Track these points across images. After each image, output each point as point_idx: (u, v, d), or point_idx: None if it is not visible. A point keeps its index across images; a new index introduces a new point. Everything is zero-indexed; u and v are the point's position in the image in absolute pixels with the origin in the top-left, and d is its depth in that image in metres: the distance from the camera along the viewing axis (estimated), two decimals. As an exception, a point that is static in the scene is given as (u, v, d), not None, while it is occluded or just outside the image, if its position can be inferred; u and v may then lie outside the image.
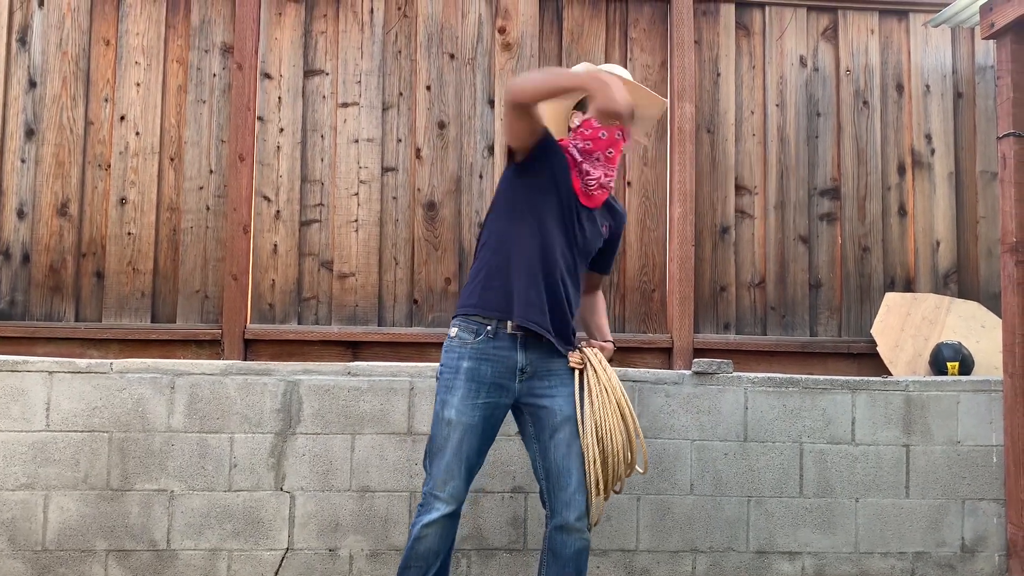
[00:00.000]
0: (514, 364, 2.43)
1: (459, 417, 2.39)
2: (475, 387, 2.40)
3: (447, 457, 2.39)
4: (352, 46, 3.54)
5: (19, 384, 3.06)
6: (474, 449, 2.41)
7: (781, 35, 3.69)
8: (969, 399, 3.32)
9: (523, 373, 2.43)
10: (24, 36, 3.42)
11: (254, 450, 3.11)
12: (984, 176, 3.70)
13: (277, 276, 3.44)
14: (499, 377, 2.42)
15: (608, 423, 2.40)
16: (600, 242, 2.60)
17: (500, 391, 2.43)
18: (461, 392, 2.40)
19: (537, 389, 2.45)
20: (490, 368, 2.41)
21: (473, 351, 2.42)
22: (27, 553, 3.02)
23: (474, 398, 2.40)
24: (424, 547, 2.38)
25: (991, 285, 3.63)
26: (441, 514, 2.37)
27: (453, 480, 2.39)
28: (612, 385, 2.44)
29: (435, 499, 2.39)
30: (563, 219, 2.47)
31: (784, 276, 3.61)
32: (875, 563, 3.26)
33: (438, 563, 2.41)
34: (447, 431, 2.40)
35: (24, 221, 3.38)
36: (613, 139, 2.51)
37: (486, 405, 2.41)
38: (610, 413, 2.41)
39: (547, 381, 2.45)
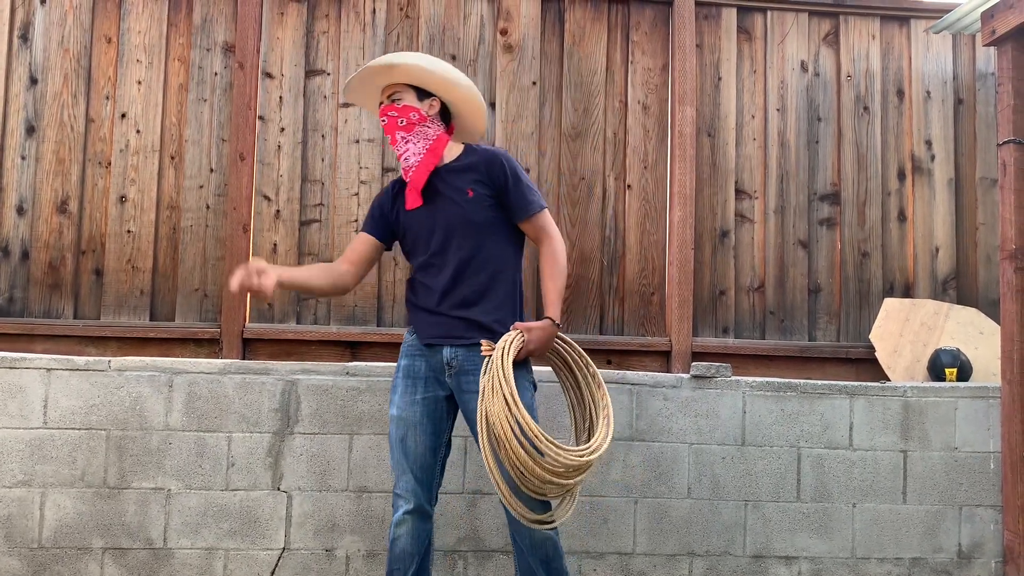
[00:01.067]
0: (441, 358, 2.48)
1: (400, 413, 2.47)
2: (412, 383, 2.49)
3: (395, 455, 2.47)
4: (354, 46, 3.54)
5: (17, 381, 3.06)
6: (423, 445, 2.44)
7: (782, 40, 3.69)
8: (967, 405, 3.32)
9: (451, 367, 2.47)
10: (26, 33, 3.42)
11: (252, 449, 3.11)
12: (984, 183, 3.70)
13: (276, 275, 3.44)
14: (433, 371, 2.49)
15: (494, 411, 2.23)
16: (476, 207, 2.49)
17: (437, 385, 2.49)
18: (400, 389, 2.50)
19: (464, 384, 2.46)
20: (424, 363, 2.50)
21: (408, 348, 2.54)
22: (23, 550, 3.02)
23: (412, 394, 2.48)
24: (399, 548, 2.43)
25: (990, 292, 3.63)
26: (403, 511, 2.42)
27: (404, 475, 2.44)
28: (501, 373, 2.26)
29: (396, 497, 2.46)
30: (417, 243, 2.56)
31: (783, 280, 3.62)
32: (872, 569, 3.26)
33: (414, 566, 2.43)
34: (392, 429, 2.48)
35: (24, 218, 3.38)
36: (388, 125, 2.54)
37: (425, 400, 2.47)
38: (495, 403, 2.23)
39: (472, 376, 2.43)
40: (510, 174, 2.51)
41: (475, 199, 2.49)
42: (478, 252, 2.49)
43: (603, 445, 2.35)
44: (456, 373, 2.46)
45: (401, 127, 2.52)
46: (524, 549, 2.43)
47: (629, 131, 3.60)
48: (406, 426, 2.46)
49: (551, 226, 2.57)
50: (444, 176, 2.53)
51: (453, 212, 2.49)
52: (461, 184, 2.51)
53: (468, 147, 2.62)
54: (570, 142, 3.57)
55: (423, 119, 2.53)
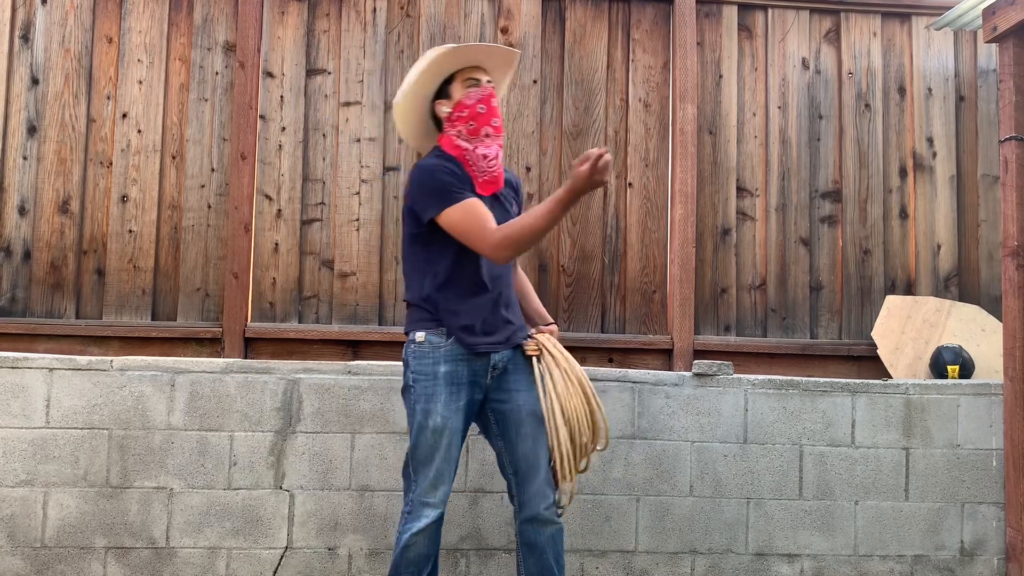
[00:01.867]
0: (488, 362, 2.43)
1: (446, 423, 2.37)
2: (455, 389, 2.39)
3: (436, 464, 2.37)
4: (354, 45, 3.54)
5: (19, 381, 3.06)
6: (458, 450, 2.43)
7: (783, 37, 3.69)
8: (969, 402, 3.32)
9: (495, 369, 2.45)
10: (27, 33, 3.43)
11: (254, 448, 3.11)
12: (986, 180, 3.70)
13: (278, 275, 3.44)
14: (475, 375, 2.42)
15: (572, 403, 2.39)
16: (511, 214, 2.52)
17: (475, 388, 2.44)
18: (444, 397, 2.38)
19: (503, 384, 2.46)
20: (466, 368, 2.41)
21: (448, 354, 2.40)
22: (26, 550, 3.02)
23: (456, 401, 2.39)
24: (415, 553, 2.38)
25: (992, 289, 3.63)
26: (431, 520, 2.36)
27: (443, 485, 2.38)
28: (570, 365, 2.43)
29: (424, 506, 2.37)
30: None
31: (785, 278, 3.61)
32: (874, 566, 3.25)
33: (430, 565, 2.41)
34: (434, 439, 2.36)
35: (25, 218, 3.38)
36: (491, 108, 2.44)
37: (466, 405, 2.42)
38: (573, 393, 2.40)
39: (512, 376, 2.46)
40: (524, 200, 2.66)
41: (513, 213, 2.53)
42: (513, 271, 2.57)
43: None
44: (500, 374, 2.45)
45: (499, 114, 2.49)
46: (544, 547, 2.43)
47: (630, 129, 3.60)
48: (451, 434, 2.38)
49: None
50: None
51: (508, 212, 2.50)
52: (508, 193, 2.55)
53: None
54: (571, 140, 3.57)
55: None
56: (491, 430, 2.51)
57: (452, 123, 2.45)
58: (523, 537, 2.46)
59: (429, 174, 2.38)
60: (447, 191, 2.35)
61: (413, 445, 2.40)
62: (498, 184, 2.48)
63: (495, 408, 2.47)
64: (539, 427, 2.43)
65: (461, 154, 2.43)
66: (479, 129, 2.42)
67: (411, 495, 2.39)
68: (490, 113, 2.44)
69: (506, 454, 2.48)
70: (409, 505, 2.39)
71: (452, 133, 2.45)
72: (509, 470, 2.48)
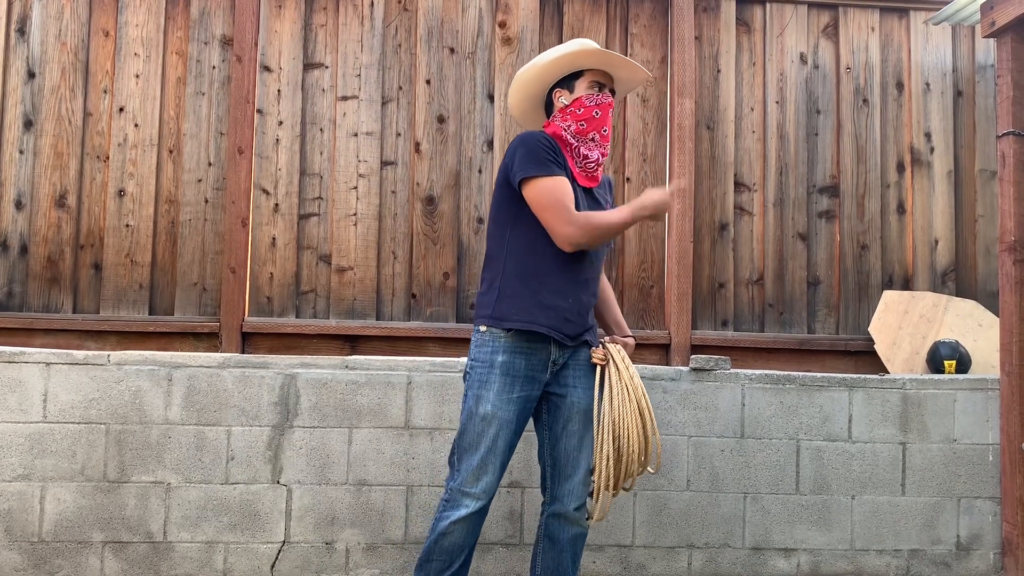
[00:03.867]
0: (547, 356, 2.41)
1: (495, 412, 2.36)
2: (510, 381, 2.37)
3: (481, 452, 2.35)
4: (352, 39, 3.53)
5: (16, 375, 3.06)
6: (508, 444, 2.39)
7: (782, 32, 3.68)
8: (966, 397, 3.32)
9: (555, 364, 2.43)
10: (23, 27, 3.41)
11: (251, 443, 3.11)
12: (983, 175, 3.70)
13: (275, 269, 3.44)
14: (532, 370, 2.40)
15: (626, 422, 2.38)
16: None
17: (533, 383, 2.41)
18: (497, 386, 2.37)
19: (561, 378, 2.46)
20: (524, 361, 2.39)
21: (508, 345, 2.38)
22: (23, 544, 3.02)
23: (509, 392, 2.37)
24: (450, 542, 2.36)
25: (989, 284, 3.63)
26: (471, 511, 2.34)
27: (487, 476, 2.36)
28: (634, 384, 2.41)
29: (464, 495, 2.35)
30: None
31: (782, 273, 3.61)
32: (871, 560, 3.26)
33: (463, 557, 2.39)
34: (482, 426, 2.36)
35: (22, 212, 3.37)
36: (606, 116, 2.47)
37: (520, 399, 2.38)
38: (628, 412, 2.39)
39: (572, 371, 2.46)
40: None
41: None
42: (601, 258, 2.56)
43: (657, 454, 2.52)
44: (559, 369, 2.45)
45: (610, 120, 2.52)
46: (566, 545, 2.44)
47: (628, 124, 3.59)
48: (500, 424, 2.36)
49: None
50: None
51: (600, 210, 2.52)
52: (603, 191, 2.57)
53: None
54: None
55: None
56: (540, 418, 2.51)
57: (565, 115, 2.48)
58: (547, 530, 2.48)
59: (534, 142, 2.39)
60: (545, 162, 2.36)
61: (461, 431, 2.41)
62: (595, 182, 2.50)
63: (550, 398, 2.48)
64: (587, 427, 2.44)
65: (564, 143, 2.46)
66: (588, 131, 2.46)
67: (452, 483, 2.38)
68: (603, 120, 2.47)
69: (548, 445, 2.48)
70: (448, 493, 2.38)
71: (562, 124, 2.47)
72: (548, 461, 2.48)
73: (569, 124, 2.46)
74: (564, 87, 2.51)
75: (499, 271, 2.43)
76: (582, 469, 2.43)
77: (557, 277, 2.39)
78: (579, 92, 2.48)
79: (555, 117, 2.50)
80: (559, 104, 2.50)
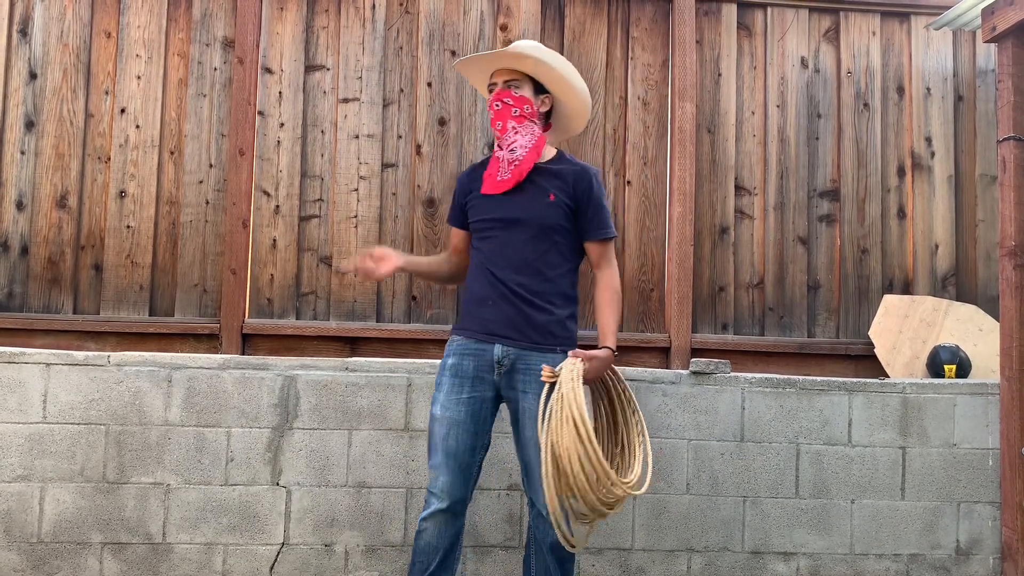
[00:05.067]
0: (491, 357, 2.47)
1: (443, 412, 2.46)
2: (459, 382, 2.48)
3: (436, 452, 2.46)
4: (353, 42, 3.53)
5: (16, 376, 3.06)
6: (464, 445, 2.44)
7: (783, 36, 3.69)
8: (966, 402, 3.32)
9: (500, 366, 2.46)
10: (25, 28, 3.42)
11: (251, 444, 3.11)
12: (984, 179, 3.70)
13: (276, 271, 3.44)
14: (480, 371, 2.48)
15: (563, 444, 2.20)
16: (555, 212, 2.50)
17: (483, 384, 2.48)
18: (446, 387, 2.48)
19: (515, 383, 2.47)
20: (472, 362, 2.48)
21: (456, 347, 2.52)
22: (23, 545, 3.02)
23: (458, 393, 2.47)
24: (423, 541, 2.45)
25: (989, 288, 3.63)
26: (433, 509, 2.44)
27: (443, 475, 2.44)
28: (572, 407, 2.22)
29: (430, 495, 2.46)
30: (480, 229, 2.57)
31: (783, 277, 3.62)
32: (870, 565, 3.26)
33: (437, 559, 2.44)
34: (435, 427, 2.47)
35: (23, 213, 3.37)
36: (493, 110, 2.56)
37: (473, 399, 2.46)
38: (565, 435, 2.20)
39: (522, 376, 2.46)
40: (595, 194, 2.55)
41: (554, 204, 2.51)
42: (544, 254, 2.50)
43: (647, 478, 2.39)
44: (507, 371, 2.46)
45: (514, 117, 2.53)
46: (545, 548, 2.45)
47: (629, 127, 3.60)
48: (449, 425, 2.44)
49: (613, 256, 2.60)
50: (532, 173, 2.53)
51: (531, 210, 2.50)
52: (547, 186, 2.52)
53: (561, 153, 2.64)
54: (570, 138, 3.56)
55: (533, 114, 2.56)
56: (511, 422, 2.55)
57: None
58: (531, 531, 2.52)
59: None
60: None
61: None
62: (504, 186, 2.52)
63: (509, 403, 2.52)
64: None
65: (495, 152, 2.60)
66: (495, 130, 2.58)
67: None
68: (494, 116, 2.57)
69: (518, 450, 2.53)
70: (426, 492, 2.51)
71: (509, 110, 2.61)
72: (521, 465, 2.52)
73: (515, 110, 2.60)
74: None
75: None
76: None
77: (479, 285, 2.53)
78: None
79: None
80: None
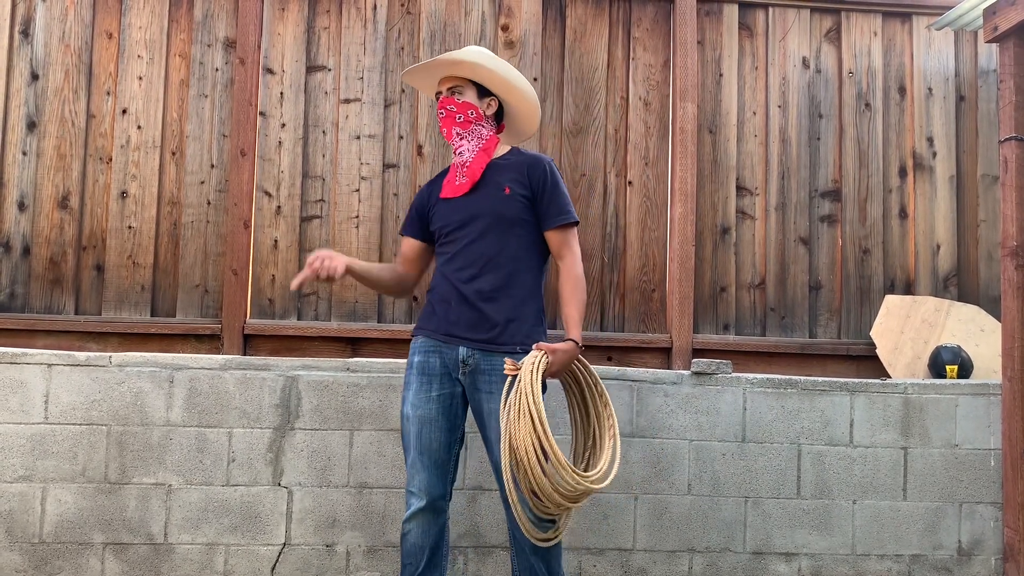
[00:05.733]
0: (456, 356, 2.48)
1: (414, 411, 2.47)
2: (427, 379, 2.49)
3: (410, 452, 2.47)
4: (355, 42, 3.53)
5: (18, 376, 3.06)
6: (438, 442, 2.45)
7: (784, 36, 3.68)
8: (968, 402, 3.32)
9: (465, 365, 2.47)
10: (27, 28, 3.42)
11: (252, 445, 3.11)
12: (985, 180, 3.70)
13: (277, 271, 3.44)
14: (446, 367, 2.49)
15: (520, 436, 2.23)
16: (512, 204, 2.51)
17: (451, 381, 2.50)
18: (415, 386, 2.50)
19: (479, 383, 2.47)
20: (438, 359, 2.50)
21: (422, 345, 2.53)
22: (24, 545, 3.02)
23: (427, 391, 2.48)
24: (409, 543, 2.46)
25: (991, 289, 3.63)
26: (414, 509, 2.44)
27: (419, 473, 2.45)
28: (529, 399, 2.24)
29: (409, 495, 2.47)
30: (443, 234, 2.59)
31: (784, 277, 3.61)
32: (872, 565, 3.26)
33: (424, 558, 2.44)
34: (406, 426, 2.49)
35: (25, 213, 3.38)
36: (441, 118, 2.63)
37: (443, 396, 2.48)
38: (521, 428, 2.23)
39: (487, 377, 2.46)
40: (549, 179, 2.56)
41: (510, 196, 2.52)
42: (503, 249, 2.50)
43: (611, 472, 2.37)
44: (471, 371, 2.47)
45: (458, 123, 2.57)
46: (527, 549, 2.44)
47: (630, 127, 3.60)
48: (421, 423, 2.46)
49: (575, 244, 2.57)
50: (486, 171, 2.56)
51: (487, 206, 2.52)
52: (501, 180, 2.54)
53: (515, 149, 2.68)
54: (571, 138, 3.57)
55: (479, 118, 2.58)
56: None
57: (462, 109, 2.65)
58: (510, 533, 2.49)
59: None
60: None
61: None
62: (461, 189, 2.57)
63: (473, 404, 2.52)
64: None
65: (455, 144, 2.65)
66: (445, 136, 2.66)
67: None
68: (440, 124, 2.65)
69: (488, 452, 2.51)
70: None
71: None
72: (492, 466, 2.50)
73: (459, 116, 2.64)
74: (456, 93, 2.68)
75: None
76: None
77: (441, 287, 2.56)
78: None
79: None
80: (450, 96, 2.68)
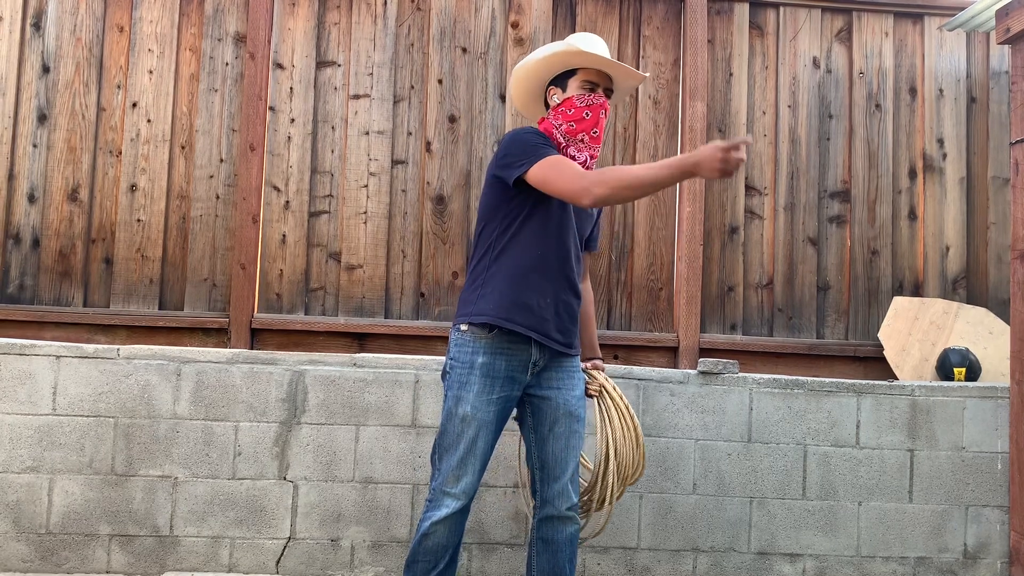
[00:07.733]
0: (528, 358, 2.39)
1: (475, 413, 2.35)
2: (490, 382, 2.36)
3: (460, 453, 2.35)
4: (365, 38, 3.54)
5: (27, 368, 3.08)
6: (488, 444, 2.38)
7: (795, 36, 3.67)
8: (975, 405, 3.31)
9: (535, 366, 2.42)
10: (39, 22, 3.44)
11: (259, 439, 3.12)
12: (996, 182, 3.68)
13: (285, 266, 3.45)
14: (512, 371, 2.38)
15: (625, 449, 2.57)
16: (590, 224, 2.58)
17: (512, 384, 2.39)
18: (476, 388, 2.36)
19: (544, 381, 2.44)
20: (504, 362, 2.37)
21: (488, 345, 2.37)
22: (31, 536, 3.04)
23: (489, 393, 2.36)
24: (433, 543, 2.36)
25: (1000, 291, 3.61)
26: (451, 511, 2.34)
27: (466, 476, 2.35)
28: (630, 412, 2.60)
29: (445, 495, 2.35)
30: (560, 221, 2.41)
31: (792, 278, 3.60)
32: (877, 567, 3.25)
33: (447, 557, 2.38)
34: (461, 427, 2.35)
35: (35, 206, 3.39)
36: (598, 118, 2.43)
37: (500, 399, 2.38)
38: (628, 439, 2.58)
39: (554, 373, 2.45)
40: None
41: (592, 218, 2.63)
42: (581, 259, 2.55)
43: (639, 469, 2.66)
44: (541, 371, 2.44)
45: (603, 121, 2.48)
46: (562, 545, 2.44)
47: (639, 126, 3.59)
48: (479, 426, 2.35)
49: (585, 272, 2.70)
50: None
51: (585, 225, 2.55)
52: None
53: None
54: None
55: None
56: (525, 422, 2.49)
57: (556, 114, 2.46)
58: (540, 532, 2.46)
59: (521, 136, 2.38)
60: (537, 149, 2.32)
61: (441, 431, 2.40)
62: None
63: (532, 401, 2.46)
64: (573, 427, 2.44)
65: (554, 140, 2.45)
66: (577, 132, 2.43)
67: (434, 483, 2.38)
68: (593, 121, 2.43)
69: (535, 448, 2.47)
70: (431, 493, 2.37)
71: (553, 123, 2.46)
72: (536, 464, 2.47)
73: (560, 123, 2.44)
74: (558, 85, 2.49)
75: (484, 269, 2.41)
76: (570, 469, 2.43)
77: (538, 276, 2.37)
78: (571, 91, 2.45)
79: (548, 114, 2.50)
80: (552, 102, 2.49)
